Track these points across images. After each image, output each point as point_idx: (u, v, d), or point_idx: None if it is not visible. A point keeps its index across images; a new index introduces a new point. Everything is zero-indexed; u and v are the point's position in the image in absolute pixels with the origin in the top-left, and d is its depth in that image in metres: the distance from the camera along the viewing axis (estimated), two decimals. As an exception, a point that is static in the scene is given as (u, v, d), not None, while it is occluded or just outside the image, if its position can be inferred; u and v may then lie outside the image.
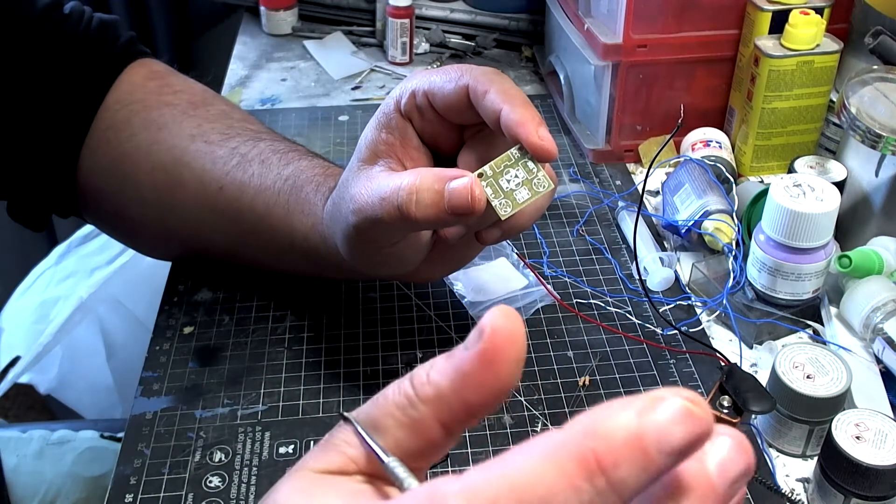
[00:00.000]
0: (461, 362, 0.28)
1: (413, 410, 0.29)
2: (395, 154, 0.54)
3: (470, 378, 0.28)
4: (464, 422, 0.29)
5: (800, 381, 0.57)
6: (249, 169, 0.65)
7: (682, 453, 0.23)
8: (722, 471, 0.25)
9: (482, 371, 0.28)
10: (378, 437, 0.30)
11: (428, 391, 0.29)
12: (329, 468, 0.31)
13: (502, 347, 0.27)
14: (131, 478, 0.58)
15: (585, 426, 0.23)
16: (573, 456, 0.23)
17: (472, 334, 0.28)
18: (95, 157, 0.68)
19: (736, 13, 0.83)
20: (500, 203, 0.50)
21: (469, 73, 0.52)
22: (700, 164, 0.78)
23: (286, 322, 0.70)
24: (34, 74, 0.66)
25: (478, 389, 0.28)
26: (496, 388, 0.28)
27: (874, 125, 0.66)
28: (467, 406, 0.28)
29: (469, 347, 0.28)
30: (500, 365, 0.27)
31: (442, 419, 0.29)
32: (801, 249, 0.64)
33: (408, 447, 0.30)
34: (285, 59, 1.13)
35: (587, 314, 0.70)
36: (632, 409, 0.23)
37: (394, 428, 0.30)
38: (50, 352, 1.22)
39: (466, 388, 0.28)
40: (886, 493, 0.53)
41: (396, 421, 0.30)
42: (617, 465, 0.22)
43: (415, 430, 0.30)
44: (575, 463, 0.23)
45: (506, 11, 1.12)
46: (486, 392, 0.28)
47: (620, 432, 0.23)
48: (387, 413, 0.30)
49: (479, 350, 0.27)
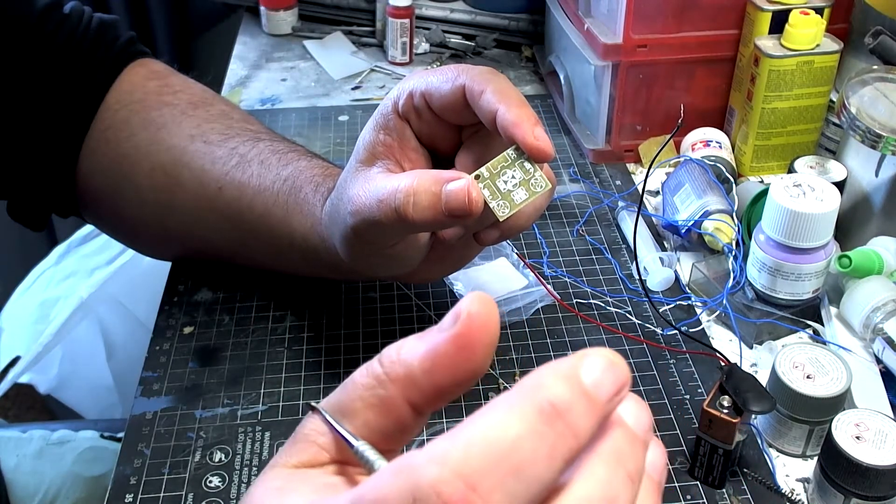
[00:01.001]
0: (435, 344, 0.28)
1: (381, 390, 0.30)
2: (393, 155, 0.54)
3: (443, 360, 0.28)
4: (432, 403, 0.29)
5: (800, 381, 0.57)
6: (249, 169, 0.65)
7: (615, 397, 0.26)
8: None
9: (456, 354, 0.28)
10: (347, 421, 0.30)
11: (398, 370, 0.29)
12: (301, 461, 0.31)
13: (477, 332, 0.28)
14: (131, 478, 0.58)
15: (534, 383, 0.25)
16: (532, 406, 0.24)
17: (447, 317, 0.28)
18: (95, 157, 0.68)
19: (736, 13, 0.83)
20: (498, 204, 0.50)
21: (466, 74, 0.52)
22: (700, 164, 0.78)
23: (286, 322, 0.70)
24: (34, 74, 0.66)
25: (450, 371, 0.28)
26: (468, 371, 0.28)
27: (874, 125, 0.66)
28: (437, 388, 0.29)
29: (443, 330, 0.28)
30: (473, 349, 0.28)
31: (411, 399, 0.29)
32: (801, 249, 0.64)
33: (377, 427, 0.30)
34: (285, 59, 1.13)
35: (587, 314, 0.70)
36: (568, 366, 0.25)
37: (362, 410, 0.30)
38: (50, 352, 1.22)
39: (438, 369, 0.28)
40: (886, 493, 0.53)
41: (365, 402, 0.30)
42: (570, 410, 0.25)
43: (383, 410, 0.30)
44: (535, 412, 0.24)
45: (506, 11, 1.12)
46: (457, 375, 0.28)
47: (566, 383, 0.25)
48: (355, 396, 0.30)
49: (455, 333, 0.28)
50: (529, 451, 0.24)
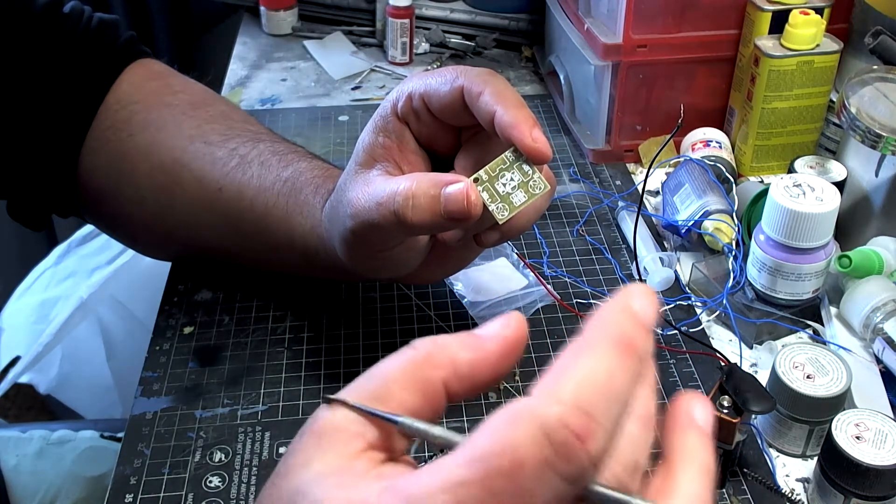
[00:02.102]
0: (484, 341, 0.31)
1: (421, 372, 0.31)
2: (393, 158, 0.54)
3: (488, 357, 0.31)
4: (465, 394, 0.31)
5: (800, 381, 0.57)
6: (249, 170, 0.65)
7: (654, 316, 0.31)
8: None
9: (500, 355, 0.31)
10: (381, 405, 0.31)
11: (441, 357, 0.31)
12: (345, 462, 0.30)
13: (520, 342, 0.32)
14: (131, 478, 0.58)
15: (604, 322, 0.29)
16: (611, 342, 0.29)
17: (494, 323, 0.32)
18: (95, 157, 0.68)
19: (736, 13, 0.83)
20: (497, 207, 0.50)
21: (464, 75, 0.52)
22: (700, 164, 0.78)
23: (286, 322, 0.70)
24: (34, 74, 0.66)
25: (490, 369, 0.31)
26: (502, 372, 0.32)
27: (874, 125, 0.66)
28: (475, 381, 0.31)
29: (490, 333, 0.31)
30: (513, 355, 0.31)
31: (449, 385, 0.31)
32: (801, 249, 0.64)
33: (412, 408, 0.31)
34: (285, 59, 1.13)
35: (587, 314, 0.70)
36: (623, 302, 0.30)
37: (398, 392, 0.31)
38: (50, 352, 1.22)
39: (482, 364, 0.31)
40: (886, 493, 0.53)
41: (400, 384, 0.31)
42: (635, 338, 0.29)
43: (422, 392, 0.31)
44: (614, 346, 0.29)
45: (506, 11, 1.12)
46: (495, 374, 0.31)
47: (627, 317, 0.30)
48: (389, 379, 0.31)
49: (506, 336, 0.31)
50: (619, 378, 0.28)
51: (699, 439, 0.31)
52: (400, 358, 0.32)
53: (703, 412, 0.32)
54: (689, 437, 0.31)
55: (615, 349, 0.29)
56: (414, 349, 0.32)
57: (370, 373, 0.32)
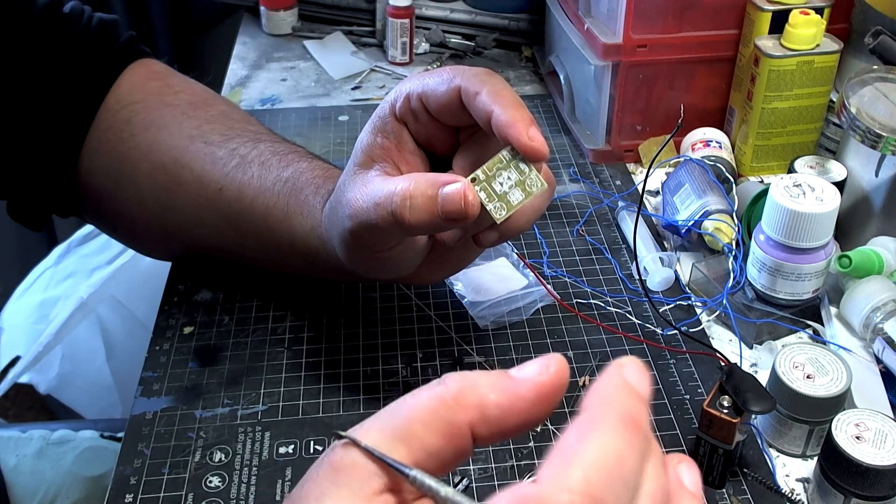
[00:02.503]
0: (517, 385, 0.30)
1: (449, 414, 0.29)
2: (391, 158, 0.54)
3: (520, 403, 0.30)
4: (492, 438, 0.30)
5: (800, 381, 0.57)
6: (249, 170, 0.65)
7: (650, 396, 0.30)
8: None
9: (534, 401, 0.30)
10: (403, 444, 0.30)
11: (470, 398, 0.30)
12: (361, 499, 0.29)
13: (558, 389, 0.30)
14: (131, 478, 0.58)
15: (605, 400, 0.28)
16: (617, 421, 0.27)
17: (531, 365, 0.30)
18: (95, 156, 0.68)
19: (736, 13, 0.83)
20: (495, 207, 0.50)
21: (461, 75, 0.52)
22: (700, 164, 0.78)
23: (286, 322, 0.70)
24: (34, 74, 0.66)
25: (522, 416, 0.30)
26: (535, 420, 0.30)
27: (874, 125, 0.66)
28: (503, 426, 0.30)
29: (526, 377, 0.30)
30: (549, 402, 0.30)
31: (475, 429, 0.30)
32: (801, 249, 0.64)
33: (435, 451, 0.30)
34: (285, 59, 1.13)
35: (587, 314, 0.70)
36: (619, 378, 0.29)
37: (423, 433, 0.30)
38: (50, 352, 1.22)
39: (513, 410, 0.30)
40: (886, 493, 0.53)
41: (427, 426, 0.30)
42: (640, 414, 0.28)
43: (447, 435, 0.30)
44: (621, 425, 0.27)
45: (506, 11, 1.12)
46: (527, 420, 0.30)
47: (628, 393, 0.28)
48: (414, 418, 0.30)
49: (542, 382, 0.30)
50: (629, 460, 0.27)
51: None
52: (428, 394, 0.30)
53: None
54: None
55: (621, 428, 0.27)
56: (443, 386, 0.30)
57: (397, 407, 0.30)
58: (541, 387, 0.30)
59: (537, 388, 0.30)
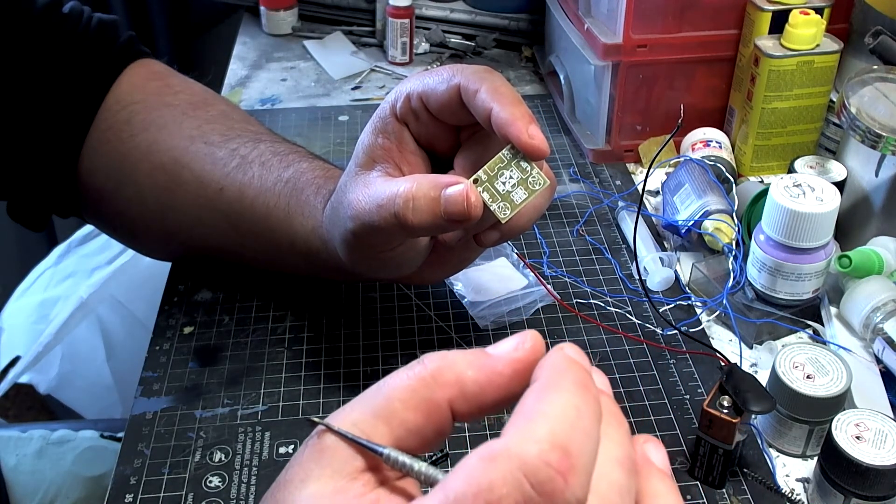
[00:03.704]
0: (493, 361, 0.30)
1: (427, 391, 0.30)
2: (392, 158, 0.54)
3: (497, 378, 0.30)
4: (471, 415, 0.31)
5: (800, 381, 0.57)
6: (250, 171, 0.65)
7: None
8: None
9: (510, 377, 0.30)
10: (383, 423, 0.30)
11: (448, 375, 0.30)
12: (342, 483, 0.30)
13: (532, 364, 0.30)
14: (131, 478, 0.58)
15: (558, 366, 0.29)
16: (572, 382, 0.28)
17: (507, 343, 0.31)
18: (95, 157, 0.68)
19: (736, 13, 0.83)
20: (499, 206, 0.50)
21: (461, 73, 0.52)
22: (700, 164, 0.78)
23: (286, 322, 0.70)
24: (34, 74, 0.66)
25: (499, 391, 0.30)
26: (513, 396, 0.30)
27: (874, 125, 0.66)
28: (481, 402, 0.30)
29: (502, 352, 0.30)
30: (525, 378, 0.30)
31: (455, 405, 0.30)
32: (801, 249, 0.64)
33: (415, 428, 0.30)
34: (285, 59, 1.13)
35: (587, 314, 0.70)
36: (562, 355, 0.30)
37: (402, 410, 0.30)
38: (50, 352, 1.22)
39: (490, 385, 0.30)
40: (886, 493, 0.53)
41: (405, 403, 0.30)
42: (590, 381, 0.29)
43: (426, 412, 0.30)
44: (575, 385, 0.28)
45: (506, 11, 1.12)
46: (505, 396, 0.30)
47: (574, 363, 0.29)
48: (393, 397, 0.30)
49: (517, 358, 0.30)
50: (588, 415, 0.28)
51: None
52: (407, 374, 0.31)
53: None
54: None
55: (576, 388, 0.28)
56: (422, 365, 0.31)
57: (378, 387, 0.31)
58: (517, 362, 0.30)
59: (513, 364, 0.30)
